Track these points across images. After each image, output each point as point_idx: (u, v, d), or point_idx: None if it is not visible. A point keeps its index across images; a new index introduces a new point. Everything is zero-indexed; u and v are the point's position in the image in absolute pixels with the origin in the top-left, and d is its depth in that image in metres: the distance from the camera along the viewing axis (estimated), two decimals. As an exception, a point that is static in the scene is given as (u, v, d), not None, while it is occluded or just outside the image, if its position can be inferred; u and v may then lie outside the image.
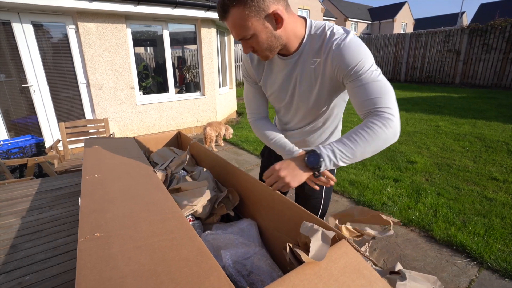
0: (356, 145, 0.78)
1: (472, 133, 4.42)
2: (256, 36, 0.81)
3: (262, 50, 0.87)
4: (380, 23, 32.76)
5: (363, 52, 0.81)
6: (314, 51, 0.88)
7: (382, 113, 0.78)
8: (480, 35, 8.84)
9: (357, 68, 0.80)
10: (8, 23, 3.60)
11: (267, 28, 0.81)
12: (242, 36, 0.82)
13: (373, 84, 0.79)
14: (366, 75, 0.80)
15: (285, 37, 0.86)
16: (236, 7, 0.76)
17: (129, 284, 0.57)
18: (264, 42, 0.84)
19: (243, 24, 0.79)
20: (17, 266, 1.05)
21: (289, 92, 1.01)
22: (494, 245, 1.97)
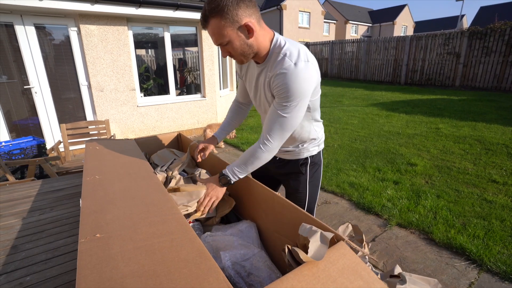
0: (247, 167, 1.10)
1: (472, 135, 4.43)
2: (231, 43, 0.94)
3: (237, 55, 1.00)
4: (381, 26, 32.83)
5: (298, 89, 0.94)
6: (271, 66, 1.01)
7: (267, 143, 1.04)
8: (480, 38, 8.86)
9: (283, 98, 0.96)
10: (11, 25, 3.63)
11: (240, 37, 0.94)
12: (219, 42, 0.95)
13: (280, 119, 0.99)
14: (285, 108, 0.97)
15: (257, 46, 0.99)
16: (214, 18, 0.89)
17: (129, 284, 0.58)
18: (238, 49, 0.97)
19: (220, 33, 0.92)
20: (18, 266, 1.05)
21: (257, 96, 1.17)
22: (494, 247, 1.97)
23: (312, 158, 1.28)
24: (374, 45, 11.96)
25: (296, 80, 0.92)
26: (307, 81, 0.95)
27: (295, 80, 0.92)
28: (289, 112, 0.97)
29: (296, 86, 0.93)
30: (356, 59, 12.86)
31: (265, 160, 1.09)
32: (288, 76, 0.93)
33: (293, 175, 1.30)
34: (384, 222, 2.39)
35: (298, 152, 1.25)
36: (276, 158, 1.32)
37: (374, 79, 12.24)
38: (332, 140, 4.59)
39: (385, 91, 9.56)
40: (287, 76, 0.93)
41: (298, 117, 1.01)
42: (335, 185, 3.05)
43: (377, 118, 5.91)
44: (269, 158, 1.09)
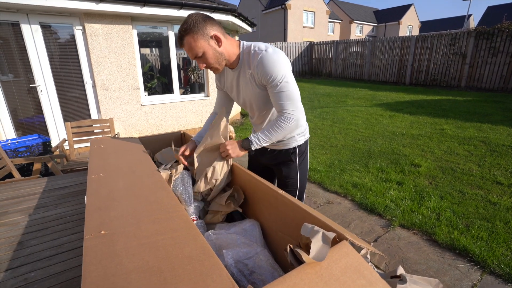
0: (271, 135, 1.21)
1: (477, 137, 4.39)
2: (205, 53, 1.12)
3: (212, 64, 1.16)
4: (386, 26, 32.62)
5: (276, 66, 1.11)
6: (247, 64, 1.20)
7: (285, 114, 1.18)
8: (486, 38, 8.76)
9: (271, 79, 1.13)
10: (17, 24, 3.67)
11: (212, 47, 1.12)
12: (195, 55, 1.12)
13: (282, 93, 1.15)
14: (278, 86, 1.14)
15: (227, 53, 1.17)
16: (188, 35, 1.08)
17: (133, 280, 0.58)
18: (212, 58, 1.14)
19: (195, 45, 1.09)
20: (23, 262, 1.07)
21: (240, 95, 1.34)
22: (498, 249, 1.96)
23: (300, 147, 1.44)
24: (379, 45, 11.89)
25: (273, 60, 1.11)
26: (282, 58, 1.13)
27: (272, 61, 1.11)
28: (286, 86, 1.14)
29: (276, 64, 1.11)
30: (361, 59, 12.80)
31: (289, 130, 1.21)
32: (265, 61, 1.11)
33: (284, 163, 1.46)
34: (387, 222, 2.39)
35: (287, 143, 1.41)
36: (268, 150, 1.48)
37: (378, 79, 12.17)
38: (335, 140, 4.58)
39: (390, 91, 9.51)
40: (264, 62, 1.11)
41: (295, 87, 1.17)
42: (338, 185, 3.05)
43: (381, 118, 5.89)
44: (292, 127, 1.20)
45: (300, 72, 15.70)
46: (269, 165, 1.55)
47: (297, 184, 1.48)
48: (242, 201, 1.31)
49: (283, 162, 1.45)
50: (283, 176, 1.48)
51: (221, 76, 1.40)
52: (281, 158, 1.45)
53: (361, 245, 0.80)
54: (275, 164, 1.50)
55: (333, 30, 27.62)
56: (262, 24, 23.85)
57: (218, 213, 1.23)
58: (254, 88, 1.23)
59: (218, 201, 1.26)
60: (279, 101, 1.17)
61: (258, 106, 1.32)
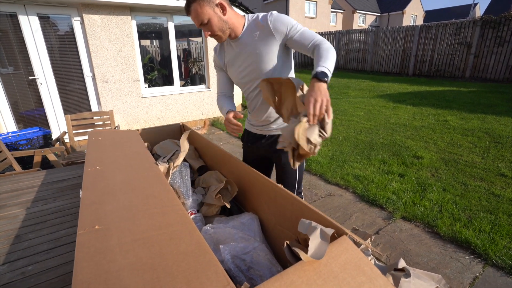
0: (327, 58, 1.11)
1: (481, 128, 4.33)
2: (210, 20, 1.15)
3: (216, 31, 1.18)
4: (389, 15, 32.00)
5: (289, 18, 1.20)
6: (253, 29, 1.24)
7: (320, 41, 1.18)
8: (493, 27, 8.56)
9: (291, 28, 1.20)
10: (15, 15, 3.61)
11: (217, 14, 1.15)
12: (201, 21, 1.15)
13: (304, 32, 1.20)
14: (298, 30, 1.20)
15: (231, 22, 1.20)
16: (195, 2, 1.12)
17: (125, 277, 0.57)
18: (217, 25, 1.17)
19: (201, 12, 1.12)
20: (21, 256, 1.06)
21: (243, 64, 1.31)
22: (500, 242, 1.94)
23: None
24: (382, 35, 11.67)
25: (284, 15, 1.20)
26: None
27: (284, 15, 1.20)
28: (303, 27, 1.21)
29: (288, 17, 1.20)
30: (363, 50, 12.60)
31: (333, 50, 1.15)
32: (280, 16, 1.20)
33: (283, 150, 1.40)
34: (389, 215, 2.37)
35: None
36: (266, 136, 1.48)
37: (381, 70, 12.00)
38: (337, 132, 4.54)
39: (392, 82, 9.39)
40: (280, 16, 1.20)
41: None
42: (340, 177, 3.03)
43: (383, 110, 5.82)
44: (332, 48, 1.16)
45: (302, 63, 15.51)
46: (267, 154, 1.54)
47: (296, 171, 1.50)
48: (241, 195, 1.29)
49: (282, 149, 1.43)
50: (282, 163, 1.48)
51: (221, 51, 1.39)
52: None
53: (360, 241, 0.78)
54: (273, 152, 1.48)
55: (336, 20, 27.14)
56: (263, 15, 23.47)
57: (212, 206, 1.22)
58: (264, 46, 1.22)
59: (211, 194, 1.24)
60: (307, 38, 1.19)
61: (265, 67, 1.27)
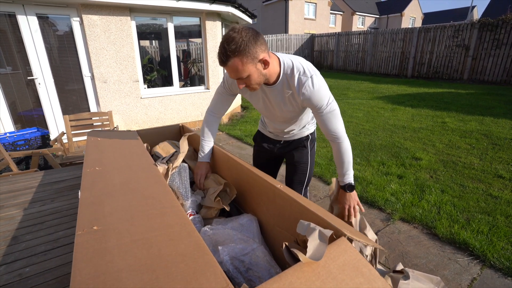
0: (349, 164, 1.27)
1: (479, 130, 4.35)
2: (250, 76, 1.06)
3: (253, 85, 1.11)
4: (388, 17, 32.12)
5: (322, 93, 1.13)
6: (287, 85, 1.17)
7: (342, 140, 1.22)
8: (490, 30, 8.61)
9: (320, 107, 1.15)
10: (13, 15, 3.60)
11: (258, 70, 1.06)
12: (239, 77, 1.06)
13: (330, 115, 1.16)
14: (325, 110, 1.16)
15: (269, 74, 1.13)
16: (236, 57, 0.98)
17: (124, 278, 0.57)
18: (256, 80, 1.09)
19: (242, 69, 1.02)
20: (18, 257, 1.06)
21: (272, 110, 1.33)
22: (498, 243, 1.95)
23: (312, 135, 1.53)
24: (381, 37, 11.72)
25: (319, 89, 1.12)
26: (324, 83, 1.15)
27: (319, 89, 1.12)
28: (333, 107, 1.16)
29: (322, 92, 1.12)
30: (363, 52, 12.64)
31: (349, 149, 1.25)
32: (313, 91, 1.12)
33: (297, 149, 1.52)
34: (387, 216, 2.37)
35: (301, 133, 1.48)
36: (281, 141, 1.53)
37: (380, 72, 12.04)
38: (336, 134, 4.54)
39: (391, 84, 9.42)
40: (312, 92, 1.12)
41: (336, 104, 1.19)
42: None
43: (382, 111, 5.83)
44: (349, 146, 1.25)
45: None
46: (280, 153, 1.59)
47: (307, 169, 1.54)
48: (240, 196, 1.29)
49: (296, 148, 1.51)
50: (294, 161, 1.52)
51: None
52: (294, 146, 1.52)
53: (361, 240, 0.79)
54: (287, 151, 1.54)
55: (335, 22, 27.23)
56: (262, 16, 23.53)
57: (211, 209, 1.22)
58: (292, 107, 1.24)
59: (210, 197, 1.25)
60: (329, 125, 1.18)
61: (288, 119, 1.35)
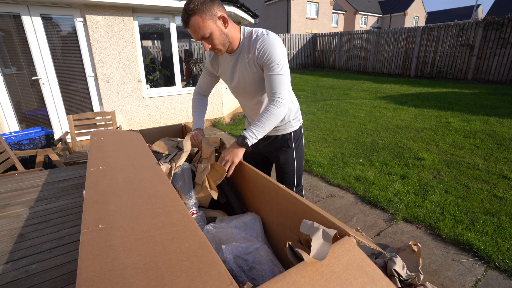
0: (264, 124, 1.20)
1: (483, 130, 4.32)
2: (212, 34, 1.11)
3: (217, 45, 1.16)
4: (391, 17, 31.99)
5: (276, 49, 1.15)
6: (247, 48, 1.22)
7: (276, 99, 1.19)
8: (496, 29, 8.54)
9: (270, 61, 1.16)
10: (18, 16, 3.64)
11: (219, 27, 1.12)
12: (202, 35, 1.10)
13: (275, 76, 1.18)
14: (274, 68, 1.17)
15: (231, 36, 1.18)
16: (196, 15, 1.06)
17: (129, 275, 0.57)
18: (219, 38, 1.14)
19: (203, 26, 1.08)
20: (24, 254, 1.07)
21: (235, 79, 1.34)
22: (503, 244, 1.93)
23: (295, 133, 1.49)
24: (384, 36, 11.67)
25: (273, 43, 1.16)
26: (280, 43, 1.18)
27: (273, 44, 1.16)
28: (281, 69, 1.17)
29: (276, 48, 1.16)
30: (365, 51, 12.60)
31: (280, 116, 1.20)
32: (267, 44, 1.15)
33: (281, 150, 1.50)
34: (390, 216, 2.37)
35: (283, 128, 1.45)
36: (264, 137, 1.47)
37: (383, 71, 11.99)
38: (338, 133, 4.54)
39: (394, 84, 9.38)
40: (266, 44, 1.16)
41: (289, 72, 1.21)
42: (341, 178, 3.02)
43: (385, 111, 5.81)
44: (283, 113, 1.20)
45: (303, 64, 15.52)
46: (265, 154, 1.57)
47: (294, 169, 1.52)
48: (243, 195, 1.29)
49: (279, 148, 1.49)
50: (280, 163, 1.52)
51: (215, 60, 1.41)
52: (277, 145, 1.49)
53: (363, 241, 0.79)
54: (271, 152, 1.53)
55: (337, 21, 27.15)
56: (265, 16, 23.52)
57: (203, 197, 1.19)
58: (252, 71, 1.26)
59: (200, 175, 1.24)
60: (271, 85, 1.19)
61: (252, 89, 1.34)
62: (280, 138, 1.48)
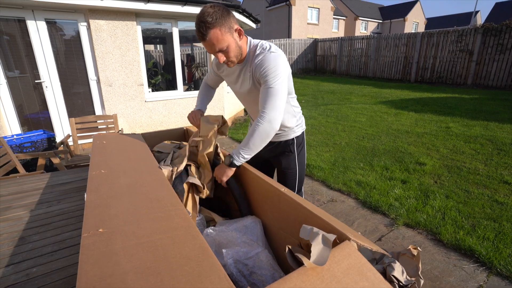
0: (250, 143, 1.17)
1: (483, 135, 4.32)
2: (229, 46, 1.12)
3: (232, 57, 1.17)
4: (391, 22, 32.19)
5: (271, 64, 1.14)
6: (249, 62, 1.23)
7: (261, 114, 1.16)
8: (494, 35, 8.59)
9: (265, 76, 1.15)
10: (23, 20, 3.68)
11: (235, 40, 1.14)
12: (221, 48, 1.11)
13: (267, 90, 1.15)
14: (267, 83, 1.15)
15: (243, 48, 1.20)
16: (215, 28, 1.06)
17: (130, 280, 0.57)
18: (234, 51, 1.15)
19: (222, 39, 1.09)
20: (25, 258, 1.07)
21: (238, 85, 1.36)
22: (505, 250, 1.92)
23: (297, 138, 1.50)
24: (384, 42, 11.73)
25: (272, 60, 1.14)
26: (280, 61, 1.16)
27: (272, 60, 1.14)
28: (274, 83, 1.14)
29: (273, 63, 1.14)
30: (366, 56, 12.66)
31: (266, 133, 1.16)
32: (266, 60, 1.15)
33: (283, 155, 1.51)
34: (391, 221, 2.36)
35: (286, 134, 1.46)
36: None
37: (383, 76, 12.03)
38: (339, 138, 4.54)
39: (395, 89, 9.40)
40: (265, 60, 1.15)
41: (283, 87, 1.16)
42: (342, 183, 3.02)
43: (385, 116, 5.82)
44: (270, 130, 1.16)
45: (304, 69, 15.59)
46: (268, 158, 1.59)
47: (296, 174, 1.53)
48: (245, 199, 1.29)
49: (282, 153, 1.51)
50: (282, 167, 1.53)
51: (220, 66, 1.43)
52: (280, 150, 1.50)
53: (365, 244, 0.79)
54: (274, 157, 1.54)
55: (338, 26, 27.34)
56: (266, 21, 23.70)
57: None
58: (251, 86, 1.27)
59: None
60: (263, 99, 1.16)
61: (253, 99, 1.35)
62: (283, 144, 1.49)
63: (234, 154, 1.19)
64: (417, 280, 0.86)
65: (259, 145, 1.18)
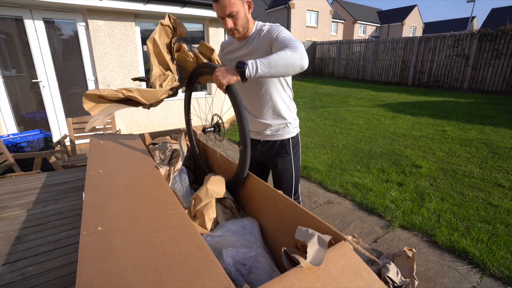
0: (271, 59, 1.03)
1: (479, 139, 4.36)
2: (238, 13, 1.18)
3: (238, 25, 1.22)
4: (389, 26, 32.47)
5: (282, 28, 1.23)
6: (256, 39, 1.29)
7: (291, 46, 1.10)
8: (490, 40, 8.71)
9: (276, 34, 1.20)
10: (21, 19, 3.67)
11: (245, 10, 1.21)
12: (230, 12, 1.17)
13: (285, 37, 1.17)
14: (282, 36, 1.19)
15: (249, 23, 1.26)
16: None
17: (128, 277, 0.58)
18: (242, 19, 1.21)
19: (233, 3, 1.15)
20: (21, 257, 1.07)
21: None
22: (498, 252, 1.95)
23: (293, 139, 1.50)
24: (382, 45, 11.84)
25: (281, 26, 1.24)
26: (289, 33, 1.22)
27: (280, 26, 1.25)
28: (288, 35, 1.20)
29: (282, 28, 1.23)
30: (364, 60, 12.75)
31: (292, 59, 1.04)
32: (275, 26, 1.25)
33: (279, 156, 1.50)
34: (387, 223, 2.38)
35: (281, 133, 1.47)
36: (261, 141, 1.51)
37: (381, 80, 12.13)
38: (336, 140, 4.56)
39: (392, 92, 9.48)
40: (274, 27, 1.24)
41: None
42: (339, 185, 3.04)
43: (383, 119, 5.87)
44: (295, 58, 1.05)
45: (303, 72, 15.65)
46: (263, 161, 1.58)
47: (292, 176, 1.53)
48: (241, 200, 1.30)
49: (278, 154, 1.50)
50: (278, 169, 1.52)
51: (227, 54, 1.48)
52: (276, 151, 1.50)
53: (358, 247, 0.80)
54: (269, 158, 1.53)
55: (336, 30, 27.51)
56: (265, 23, 23.78)
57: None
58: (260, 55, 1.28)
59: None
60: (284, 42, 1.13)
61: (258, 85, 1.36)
62: (279, 144, 1.49)
63: (249, 63, 1.00)
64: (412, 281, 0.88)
65: (280, 66, 1.02)
